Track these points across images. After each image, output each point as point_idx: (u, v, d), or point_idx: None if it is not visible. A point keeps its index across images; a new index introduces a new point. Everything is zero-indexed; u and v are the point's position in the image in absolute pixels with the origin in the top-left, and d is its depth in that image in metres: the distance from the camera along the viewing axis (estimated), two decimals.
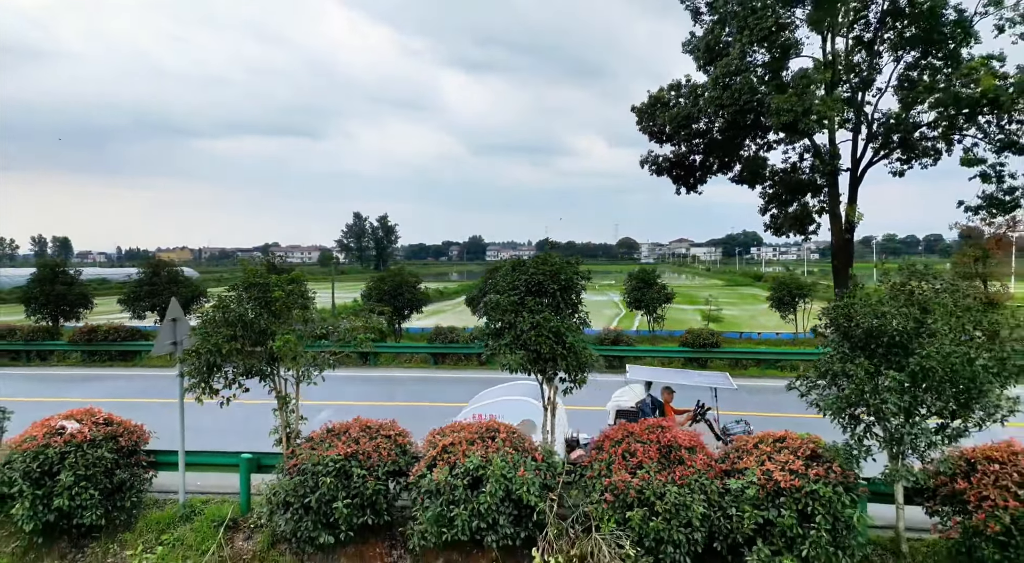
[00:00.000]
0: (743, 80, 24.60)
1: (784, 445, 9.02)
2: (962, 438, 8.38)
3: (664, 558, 8.49)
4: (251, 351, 9.55)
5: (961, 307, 8.08)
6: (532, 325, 9.04)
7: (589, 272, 10.24)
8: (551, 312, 9.18)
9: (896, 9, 26.36)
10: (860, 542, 8.35)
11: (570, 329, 9.24)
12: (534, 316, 9.06)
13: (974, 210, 25.50)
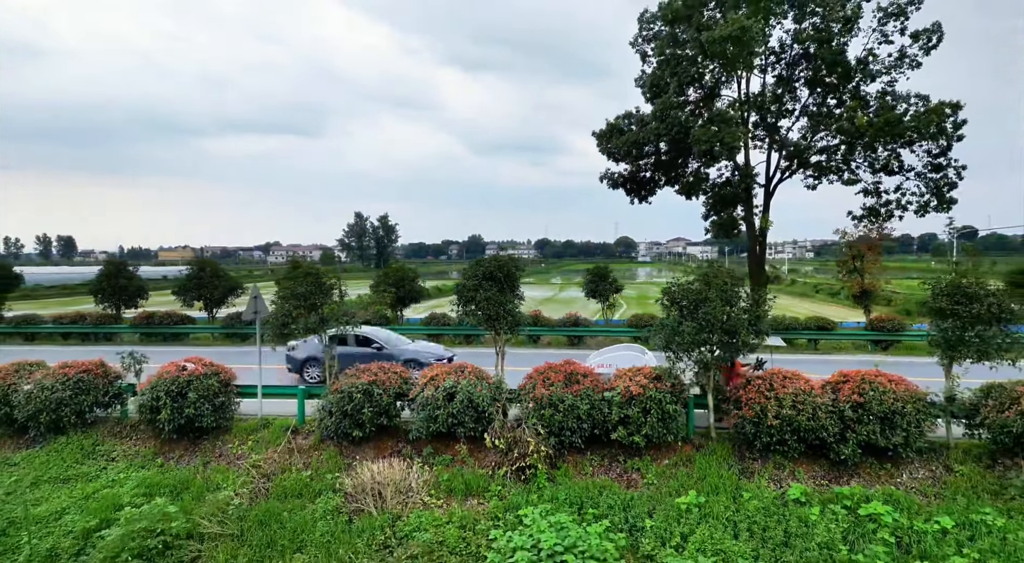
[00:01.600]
0: (674, 114, 29.54)
1: (641, 371, 13.98)
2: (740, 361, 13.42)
3: (564, 439, 13.47)
4: (307, 315, 14.54)
5: (724, 286, 13.09)
6: (485, 299, 14.07)
7: (524, 266, 15.23)
8: (497, 291, 14.19)
9: (807, 54, 31.24)
10: (680, 427, 13.35)
11: (509, 301, 14.26)
12: (486, 293, 14.08)
13: (859, 219, 30.59)
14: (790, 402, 12.66)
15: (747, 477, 12.97)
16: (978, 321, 12.32)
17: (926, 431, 12.63)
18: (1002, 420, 12.10)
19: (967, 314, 12.35)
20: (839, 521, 11.28)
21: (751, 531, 11.35)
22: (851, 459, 12.58)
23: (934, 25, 28.26)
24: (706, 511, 11.88)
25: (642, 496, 12.55)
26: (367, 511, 12.56)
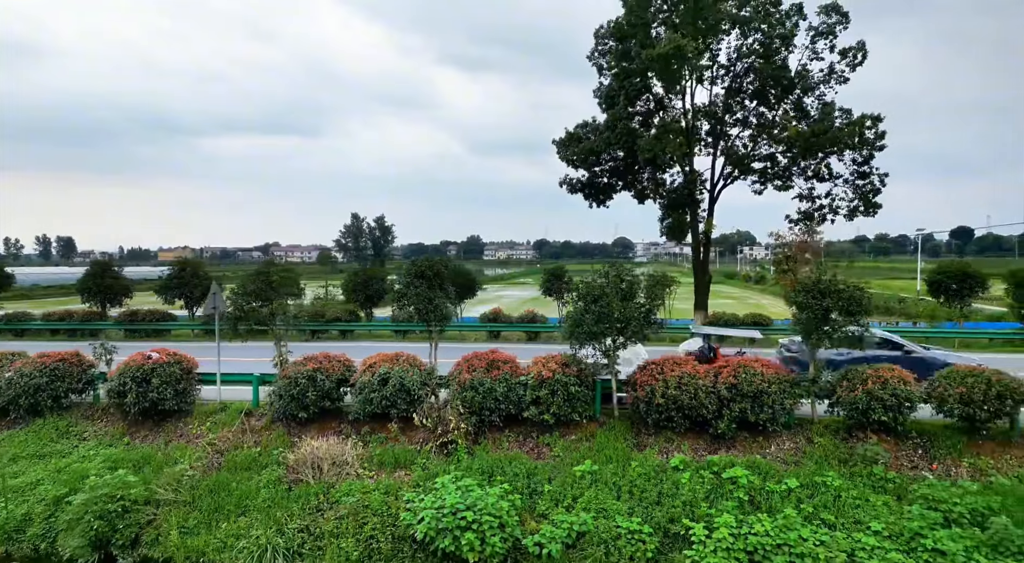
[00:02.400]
0: (623, 125, 31.23)
1: (553, 359, 15.59)
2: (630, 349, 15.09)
3: (483, 417, 15.08)
4: (259, 310, 16.08)
5: (619, 284, 14.73)
6: (415, 295, 15.66)
7: (449, 265, 16.82)
8: (427, 288, 15.79)
9: (752, 68, 32.97)
10: (585, 407, 14.99)
11: (437, 297, 15.85)
12: (416, 290, 15.68)
13: (794, 222, 32.45)
14: (675, 383, 14.31)
15: (639, 449, 14.62)
16: (831, 314, 14.02)
17: (790, 408, 14.32)
18: (852, 398, 13.82)
19: (819, 307, 14.05)
20: (705, 483, 12.94)
21: (631, 492, 13.00)
22: (727, 433, 14.27)
23: (859, 43, 30.09)
24: (598, 477, 13.52)
25: (546, 466, 14.17)
26: (305, 481, 14.12)
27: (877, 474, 12.97)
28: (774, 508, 12.25)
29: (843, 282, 14.31)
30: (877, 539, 11.19)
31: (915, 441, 14.00)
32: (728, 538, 11.38)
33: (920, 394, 13.72)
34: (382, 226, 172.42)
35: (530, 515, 12.91)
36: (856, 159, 30.24)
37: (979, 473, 13.04)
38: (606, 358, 15.40)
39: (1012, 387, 13.17)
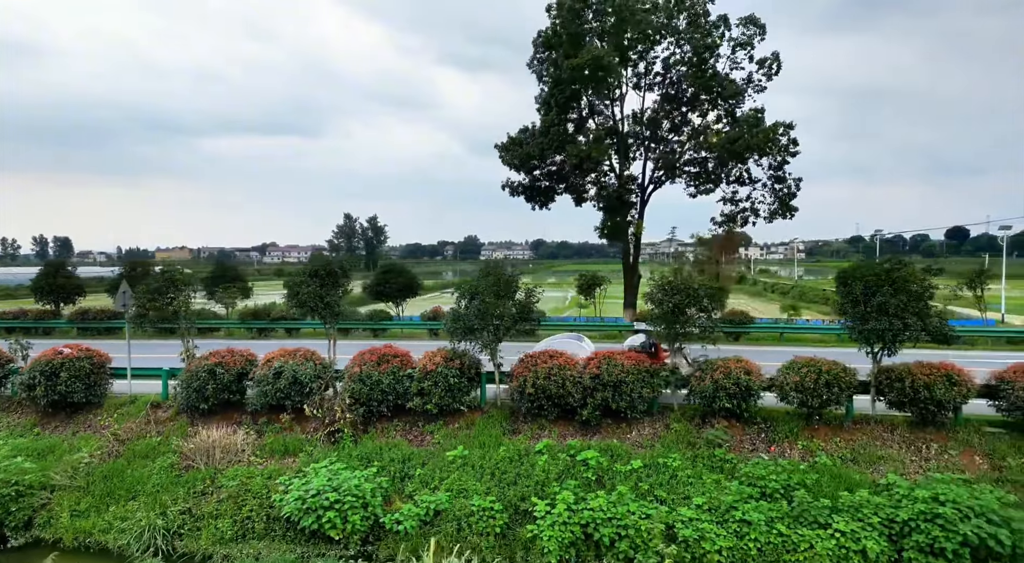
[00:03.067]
0: (555, 130, 32.26)
1: (440, 353, 16.51)
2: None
3: (372, 408, 15.97)
4: (163, 308, 16.83)
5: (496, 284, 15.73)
6: (307, 293, 16.52)
7: (346, 266, 17.68)
8: (319, 287, 16.64)
9: (686, 76, 34.09)
10: (465, 397, 15.94)
11: (328, 295, 16.71)
12: (308, 288, 16.53)
13: (719, 223, 33.72)
14: (544, 374, 15.30)
15: (514, 435, 15.61)
16: (686, 309, 15.10)
17: (649, 397, 15.37)
18: (701, 387, 14.91)
19: (670, 304, 15.13)
20: (560, 465, 13.94)
21: (493, 474, 13.97)
22: (592, 420, 15.30)
23: (773, 54, 31.40)
24: (467, 461, 14.47)
25: (423, 452, 15.10)
26: (196, 467, 14.92)
27: (718, 456, 14.06)
28: (612, 484, 13.28)
29: (696, 281, 15.39)
30: (696, 512, 12.26)
31: (759, 426, 15.12)
32: (565, 513, 12.39)
33: (761, 383, 14.82)
34: (375, 226, 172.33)
35: (399, 496, 13.84)
36: (772, 164, 31.49)
37: (809, 454, 14.18)
38: (487, 351, 16.36)
39: (840, 376, 14.32)
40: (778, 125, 30.39)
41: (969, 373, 14.26)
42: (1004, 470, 13.14)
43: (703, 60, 32.42)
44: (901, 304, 13.40)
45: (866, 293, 13.84)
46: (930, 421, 14.38)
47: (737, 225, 33.05)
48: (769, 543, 11.71)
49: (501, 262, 17.11)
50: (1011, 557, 10.89)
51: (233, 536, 13.16)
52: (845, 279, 14.36)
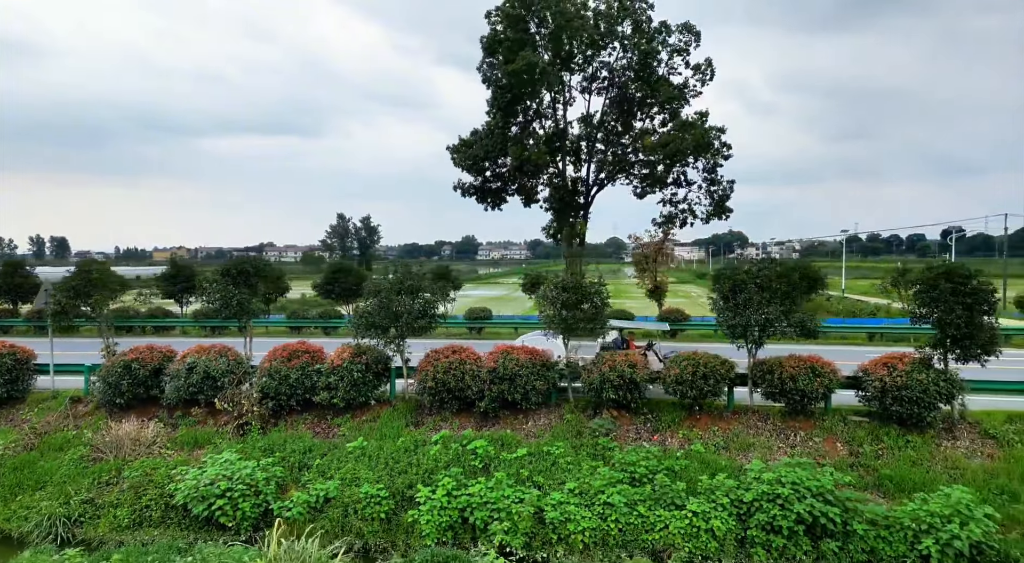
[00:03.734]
0: (497, 133, 32.96)
1: (348, 349, 17.06)
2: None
3: (281, 401, 16.49)
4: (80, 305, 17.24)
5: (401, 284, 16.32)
6: (218, 292, 17.00)
7: (261, 266, 18.18)
8: (231, 285, 17.13)
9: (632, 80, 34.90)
10: (372, 391, 16.54)
11: (240, 294, 17.21)
12: (219, 287, 17.02)
13: (659, 224, 34.64)
14: (444, 368, 15.93)
15: (416, 427, 16.23)
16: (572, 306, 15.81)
17: (543, 389, 16.05)
18: (590, 380, 15.64)
19: (569, 302, 15.84)
20: (450, 453, 14.58)
21: (387, 463, 14.58)
22: (490, 411, 15.96)
23: (706, 60, 32.35)
24: (365, 452, 15.06)
25: (325, 444, 15.68)
26: (106, 459, 15.36)
27: (601, 444, 14.79)
28: (496, 469, 13.95)
29: (590, 282, 16.11)
30: (567, 496, 12.96)
31: (647, 416, 15.89)
32: (444, 499, 13.04)
33: (644, 376, 15.57)
34: (368, 226, 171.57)
35: (295, 485, 14.40)
36: (706, 167, 32.43)
37: (688, 442, 14.96)
38: (393, 347, 16.96)
39: (716, 369, 15.11)
40: (710, 129, 31.31)
41: (834, 366, 15.12)
42: (859, 455, 14.01)
43: (647, 65, 33.29)
44: (764, 301, 14.21)
45: (733, 291, 14.64)
46: (800, 410, 15.23)
47: (676, 225, 33.98)
48: (630, 523, 12.46)
49: (409, 263, 17.67)
50: (843, 534, 11.72)
51: (130, 524, 13.65)
52: (718, 278, 15.15)
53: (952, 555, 10.92)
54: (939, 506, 11.37)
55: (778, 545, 11.75)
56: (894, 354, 14.99)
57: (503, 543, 12.53)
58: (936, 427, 14.34)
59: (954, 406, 14.53)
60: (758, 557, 11.80)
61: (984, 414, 14.71)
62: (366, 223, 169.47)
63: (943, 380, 13.86)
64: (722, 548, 12.03)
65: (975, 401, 15.09)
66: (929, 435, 14.20)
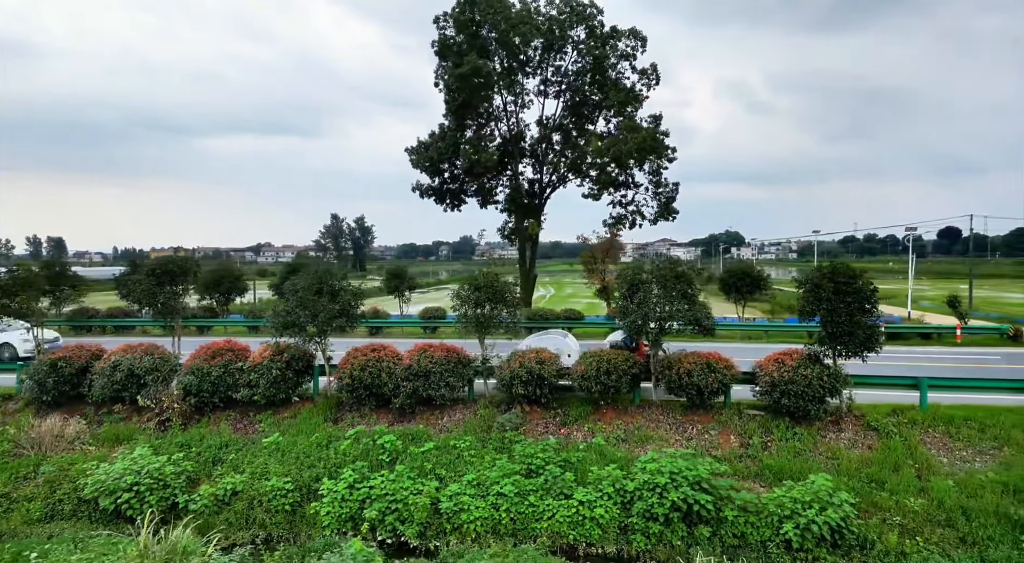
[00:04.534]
0: (451, 136, 33.38)
1: (271, 347, 17.39)
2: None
3: (203, 398, 16.79)
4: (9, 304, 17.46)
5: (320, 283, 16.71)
6: (141, 291, 17.28)
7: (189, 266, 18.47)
8: (155, 285, 17.42)
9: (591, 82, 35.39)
10: (292, 388, 16.87)
11: (164, 294, 17.49)
12: (141, 286, 17.30)
13: (610, 225, 35.27)
14: (360, 366, 16.33)
15: (336, 423, 16.61)
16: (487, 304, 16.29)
17: (456, 386, 16.50)
18: (502, 376, 16.13)
19: (481, 301, 16.31)
20: (360, 448, 14.99)
21: (298, 457, 14.96)
22: (406, 407, 16.39)
23: (651, 65, 33.01)
24: (280, 447, 15.43)
25: (243, 439, 16.04)
26: (27, 455, 15.61)
27: (508, 437, 15.26)
28: (402, 460, 14.39)
29: (496, 280, 16.60)
30: (464, 487, 13.42)
31: (557, 411, 16.39)
32: (345, 491, 13.46)
33: (551, 372, 16.07)
34: (362, 226, 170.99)
35: (207, 479, 14.75)
36: (651, 169, 33.07)
37: (591, 434, 15.47)
38: (314, 345, 17.34)
39: (618, 365, 15.65)
40: (653, 133, 31.94)
41: (731, 362, 15.71)
42: (749, 447, 14.60)
43: (602, 69, 33.87)
44: (656, 299, 14.79)
45: (632, 290, 15.21)
46: (699, 405, 15.80)
47: (626, 226, 34.61)
48: (521, 513, 12.94)
49: (327, 263, 18.07)
50: (716, 520, 12.28)
51: (42, 517, 13.94)
52: (619, 277, 15.70)
53: (811, 538, 11.52)
54: (801, 493, 11.99)
55: (655, 531, 12.30)
56: (787, 351, 15.62)
57: (399, 532, 12.99)
58: (824, 420, 14.97)
59: (842, 400, 15.18)
60: (637, 543, 12.33)
61: (871, 407, 15.37)
62: (360, 223, 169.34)
63: (827, 375, 14.48)
64: (605, 535, 12.56)
65: (889, 396, 15.78)
66: (816, 427, 14.83)
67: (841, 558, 11.57)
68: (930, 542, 11.51)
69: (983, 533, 11.46)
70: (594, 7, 34.25)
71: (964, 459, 13.59)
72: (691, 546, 12.20)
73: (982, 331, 28.96)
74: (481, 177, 34.22)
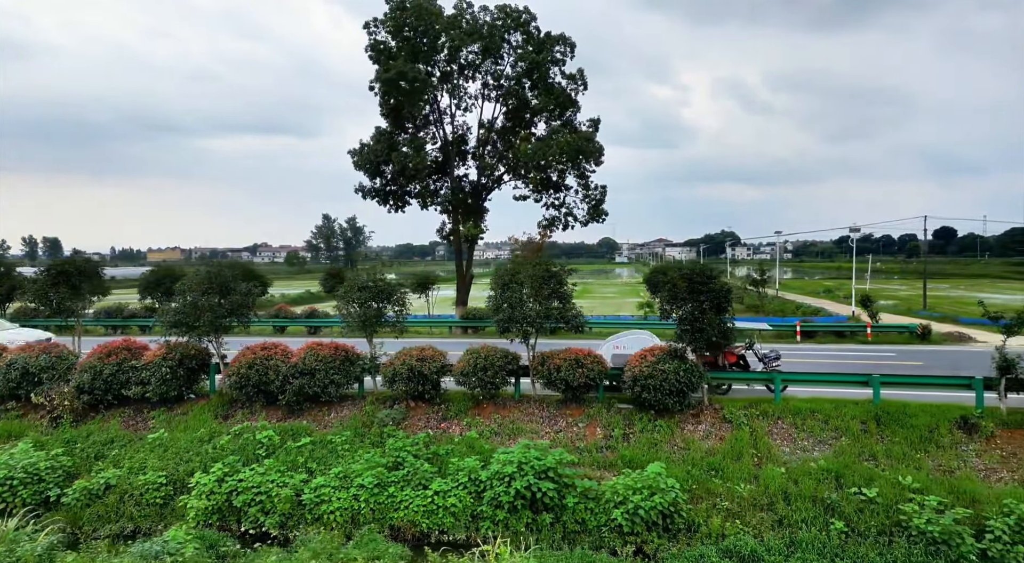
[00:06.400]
0: (385, 139, 33.75)
1: (164, 346, 17.67)
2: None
3: (96, 395, 17.01)
4: None
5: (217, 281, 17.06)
6: (34, 292, 17.46)
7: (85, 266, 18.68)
8: (49, 285, 17.62)
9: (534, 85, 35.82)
10: (196, 386, 17.16)
11: (61, 294, 17.70)
12: (41, 286, 17.50)
13: (544, 226, 35.90)
14: (247, 364, 16.69)
15: (226, 420, 16.95)
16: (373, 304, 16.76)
17: (342, 383, 16.92)
18: (385, 372, 16.61)
19: (364, 300, 16.78)
20: (241, 441, 15.37)
21: (178, 452, 15.30)
22: (294, 404, 16.76)
23: (579, 71, 33.69)
24: (163, 443, 15.75)
25: (130, 435, 16.36)
26: None
27: (387, 432, 15.74)
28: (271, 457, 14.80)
29: (382, 279, 17.08)
30: (329, 479, 13.87)
31: (440, 406, 16.90)
32: (214, 484, 13.83)
33: (433, 368, 16.57)
34: (354, 227, 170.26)
35: (87, 473, 15.03)
36: (578, 172, 33.76)
37: (469, 428, 16.01)
38: (207, 343, 17.67)
39: (494, 361, 16.21)
40: (578, 137, 32.63)
41: (602, 358, 16.36)
42: (611, 438, 15.25)
43: (542, 74, 34.43)
44: (528, 298, 15.39)
45: (503, 289, 15.79)
46: (574, 399, 16.42)
47: (559, 228, 35.24)
48: (380, 503, 13.42)
49: (223, 264, 18.46)
50: (559, 507, 12.88)
51: None
52: (495, 277, 16.28)
53: (640, 522, 12.16)
54: (634, 480, 12.63)
55: (501, 518, 12.85)
56: (652, 347, 16.30)
57: (260, 523, 13.41)
58: (685, 413, 15.67)
59: (704, 393, 15.90)
60: (485, 530, 12.89)
61: (728, 401, 16.11)
62: (352, 224, 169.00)
63: (683, 370, 15.17)
64: (457, 522, 13.09)
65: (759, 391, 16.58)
66: (676, 420, 15.51)
67: (669, 541, 12.23)
68: (749, 525, 12.22)
69: (798, 516, 12.19)
70: (528, 13, 34.86)
71: (804, 449, 14.35)
72: (536, 531, 12.79)
73: (892, 329, 30.04)
74: (414, 179, 34.63)
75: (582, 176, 33.64)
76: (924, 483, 12.42)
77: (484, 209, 38.41)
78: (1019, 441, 13.76)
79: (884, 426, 14.47)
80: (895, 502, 11.96)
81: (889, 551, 11.19)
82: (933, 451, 13.69)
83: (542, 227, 36.03)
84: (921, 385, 15.76)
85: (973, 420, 14.22)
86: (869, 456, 13.69)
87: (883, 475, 12.81)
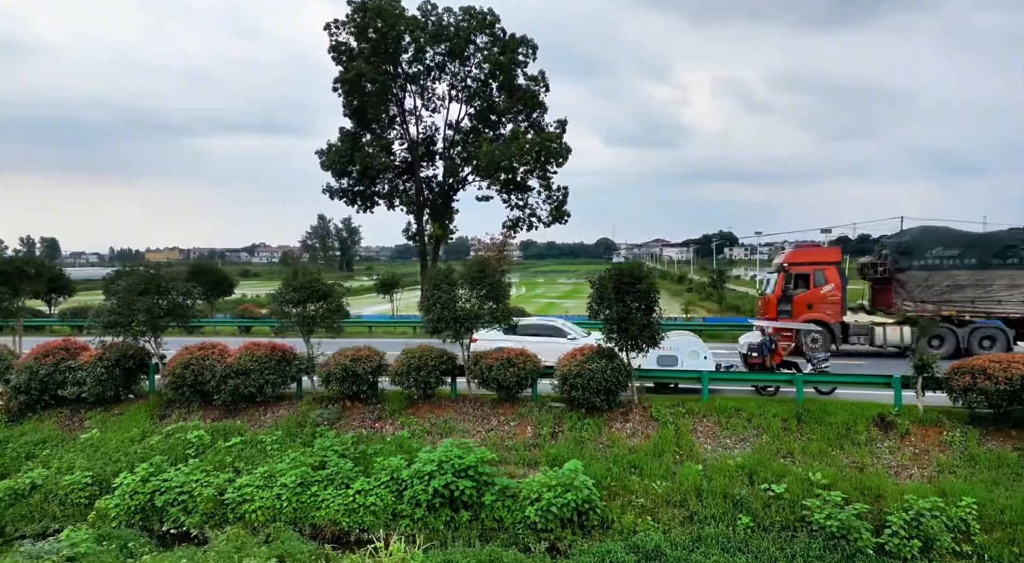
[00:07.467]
0: (349, 139, 33.76)
1: (100, 346, 17.61)
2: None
3: (32, 395, 16.91)
4: None
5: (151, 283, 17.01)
6: None
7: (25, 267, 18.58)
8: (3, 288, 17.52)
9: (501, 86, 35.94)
10: (135, 387, 17.10)
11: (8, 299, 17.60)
12: None
13: (508, 227, 36.06)
14: (183, 363, 16.67)
15: (162, 420, 16.91)
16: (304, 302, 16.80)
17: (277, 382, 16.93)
18: (321, 372, 16.65)
19: (301, 300, 16.81)
20: (171, 441, 15.36)
21: (108, 452, 15.26)
22: (230, 404, 16.74)
23: (540, 73, 33.92)
24: (93, 443, 15.71)
25: (62, 435, 16.32)
26: None
27: (319, 432, 15.74)
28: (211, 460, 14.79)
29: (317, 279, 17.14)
30: (253, 478, 13.87)
31: (376, 406, 16.94)
32: (138, 484, 13.81)
33: (367, 368, 16.61)
34: (349, 227, 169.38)
35: (15, 474, 14.94)
36: (539, 174, 33.94)
37: (402, 427, 16.07)
38: (146, 343, 17.62)
39: (427, 361, 16.28)
40: (542, 138, 32.81)
41: (535, 358, 16.48)
42: (539, 437, 15.36)
43: (508, 75, 34.57)
44: (451, 298, 15.50)
45: (435, 288, 15.88)
46: (508, 397, 16.53)
47: (523, 229, 35.42)
48: (302, 502, 13.44)
49: (153, 264, 18.42)
50: (478, 505, 12.98)
51: None
52: (429, 279, 16.36)
53: (554, 519, 12.27)
54: (550, 477, 12.74)
55: (420, 516, 12.93)
56: (583, 346, 16.45)
57: (180, 522, 13.41)
58: (614, 411, 15.82)
59: (634, 392, 16.06)
60: (404, 528, 12.95)
61: (657, 399, 16.28)
62: (347, 224, 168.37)
63: (611, 369, 15.31)
64: (377, 520, 13.14)
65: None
66: (605, 418, 15.65)
67: (583, 537, 12.36)
68: (660, 521, 12.37)
69: (708, 512, 12.36)
70: (492, 14, 34.99)
71: (726, 446, 14.54)
72: (455, 529, 12.87)
73: None
74: (377, 180, 34.65)
75: (544, 177, 33.80)
76: (833, 479, 12.63)
77: (453, 210, 38.51)
78: (932, 439, 14.02)
79: (804, 424, 14.68)
80: (801, 498, 12.17)
81: (790, 545, 11.40)
82: (848, 448, 13.91)
83: (506, 228, 36.18)
84: (845, 383, 16.01)
85: (890, 418, 14.48)
86: (786, 453, 13.90)
87: (795, 471, 13.02)
